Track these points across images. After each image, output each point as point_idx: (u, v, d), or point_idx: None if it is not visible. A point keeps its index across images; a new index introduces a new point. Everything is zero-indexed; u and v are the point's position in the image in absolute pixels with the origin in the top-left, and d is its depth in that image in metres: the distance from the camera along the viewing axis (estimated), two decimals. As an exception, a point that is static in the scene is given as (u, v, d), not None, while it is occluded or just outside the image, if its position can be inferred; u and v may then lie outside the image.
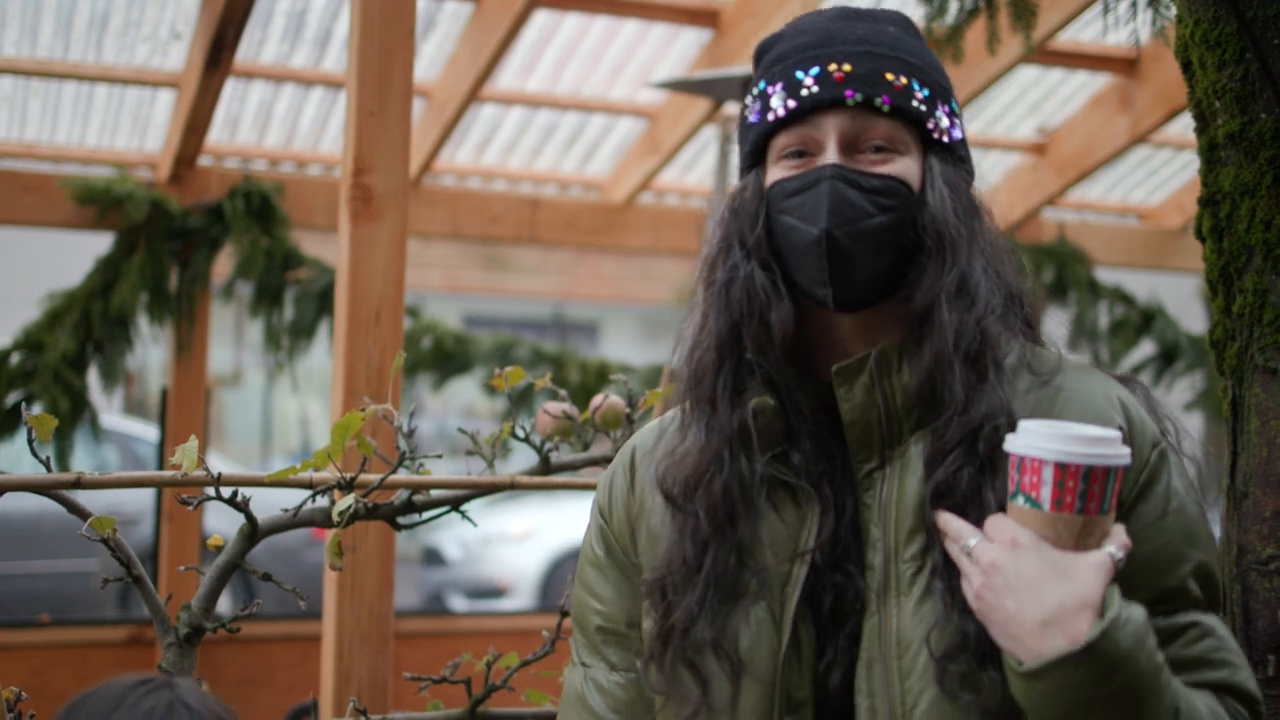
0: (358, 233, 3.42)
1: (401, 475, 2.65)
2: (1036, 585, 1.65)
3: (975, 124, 7.37)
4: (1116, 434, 1.71)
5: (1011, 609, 1.66)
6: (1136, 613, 1.66)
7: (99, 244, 6.28)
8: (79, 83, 6.23)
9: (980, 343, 1.84)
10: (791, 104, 1.89)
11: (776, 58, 1.94)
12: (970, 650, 1.75)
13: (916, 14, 6.02)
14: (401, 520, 2.74)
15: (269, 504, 2.57)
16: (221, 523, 9.71)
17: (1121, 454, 1.69)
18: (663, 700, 1.94)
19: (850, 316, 1.89)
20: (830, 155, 1.86)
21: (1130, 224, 8.44)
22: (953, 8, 3.78)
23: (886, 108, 1.86)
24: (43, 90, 6.31)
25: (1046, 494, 1.68)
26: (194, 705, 1.74)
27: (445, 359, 6.84)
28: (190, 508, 2.48)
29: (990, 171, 7.87)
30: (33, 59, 6.03)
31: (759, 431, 1.87)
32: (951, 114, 1.94)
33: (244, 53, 6.00)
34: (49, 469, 2.51)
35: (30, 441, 2.50)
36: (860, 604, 1.85)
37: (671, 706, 1.91)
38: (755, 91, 1.95)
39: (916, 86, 1.89)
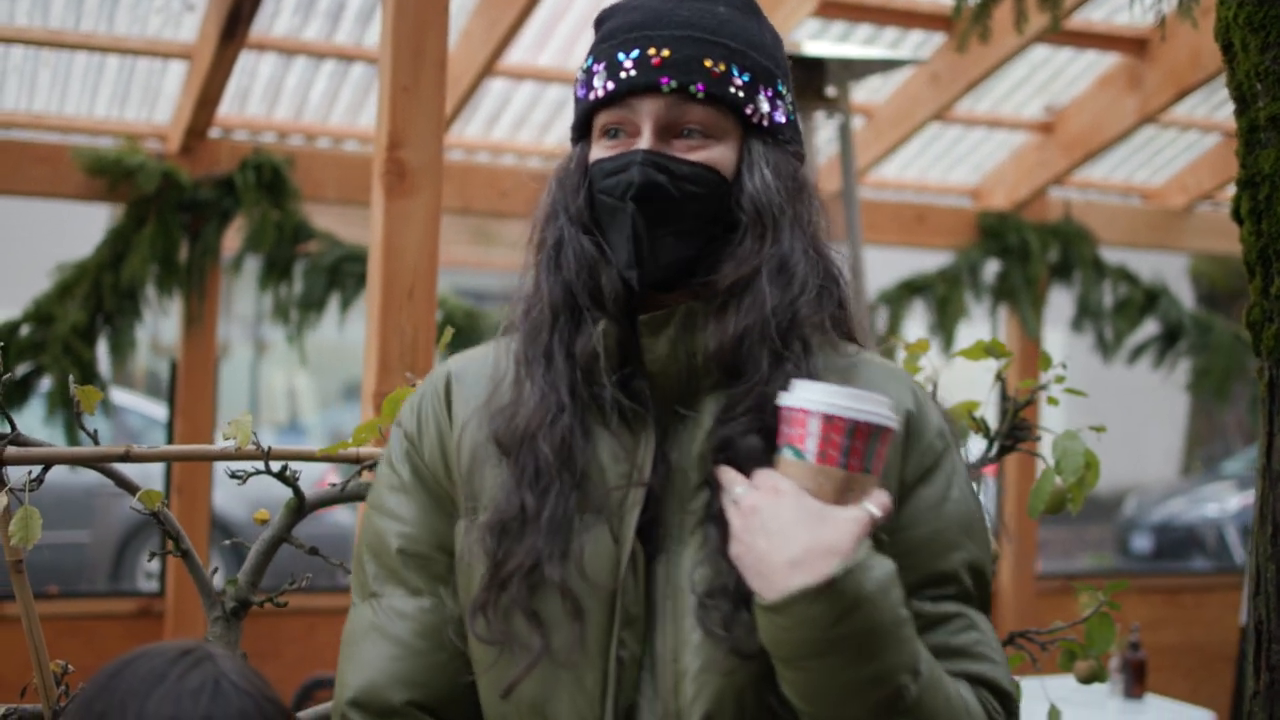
0: (392, 208, 3.42)
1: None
2: (789, 529, 1.69)
3: (983, 103, 7.39)
4: (886, 399, 1.75)
5: (763, 548, 1.70)
6: (884, 563, 1.70)
7: (108, 216, 6.27)
8: (90, 53, 6.21)
9: (791, 321, 1.87)
10: (610, 86, 1.90)
11: (605, 34, 1.95)
12: (730, 593, 1.78)
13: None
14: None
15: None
16: (229, 499, 9.74)
17: (888, 416, 1.74)
18: (493, 654, 1.88)
19: (670, 295, 1.93)
20: (644, 140, 1.89)
21: (1134, 204, 8.47)
22: (981, -13, 3.79)
23: (701, 95, 1.88)
24: (53, 60, 6.28)
25: (811, 446, 1.72)
26: (240, 684, 1.65)
27: (456, 333, 6.83)
28: (240, 482, 2.49)
29: (997, 150, 7.89)
30: (45, 29, 6.01)
31: (606, 352, 1.89)
32: (776, 97, 1.95)
33: (256, 25, 5.98)
34: (96, 442, 2.51)
35: (78, 415, 2.51)
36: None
37: (505, 659, 1.87)
38: (584, 66, 1.97)
39: (736, 72, 1.90)
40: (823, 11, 6.23)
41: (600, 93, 1.92)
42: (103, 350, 6.28)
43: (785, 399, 1.76)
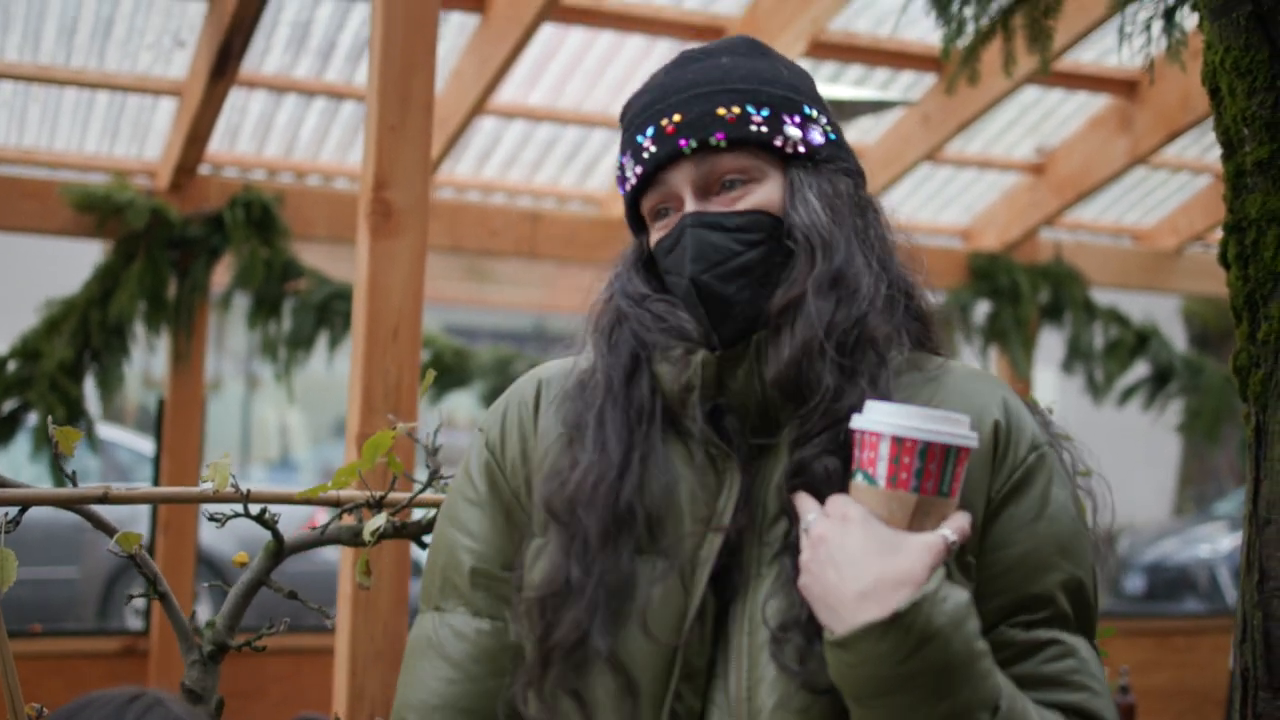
0: (377, 248, 3.41)
1: (431, 494, 2.63)
2: (859, 559, 1.63)
3: (975, 143, 7.40)
4: (964, 417, 1.69)
5: (832, 580, 1.64)
6: (958, 594, 1.63)
7: (97, 252, 6.25)
8: (80, 89, 6.21)
9: (858, 335, 1.82)
10: (639, 170, 1.90)
11: (625, 125, 1.96)
12: (803, 626, 1.73)
13: (918, 31, 6.08)
14: (427, 539, 2.73)
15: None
16: (216, 536, 9.69)
17: (965, 436, 1.67)
18: None
19: None
20: (688, 205, 1.87)
21: (1125, 245, 8.47)
22: (969, 29, 3.78)
23: (723, 143, 1.86)
24: (43, 96, 6.28)
25: (882, 470, 1.66)
26: None
27: (444, 373, 6.82)
28: (219, 525, 2.47)
29: (988, 191, 7.90)
30: (35, 64, 6.01)
31: (703, 384, 1.84)
32: (805, 121, 1.92)
33: (247, 63, 5.98)
34: (74, 483, 2.49)
35: (55, 455, 2.48)
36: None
37: None
38: (618, 162, 1.97)
39: (753, 110, 1.88)
40: (814, 52, 6.24)
41: (634, 179, 1.91)
42: (90, 386, 6.26)
43: (856, 421, 1.70)
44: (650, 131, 1.89)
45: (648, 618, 1.79)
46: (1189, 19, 3.21)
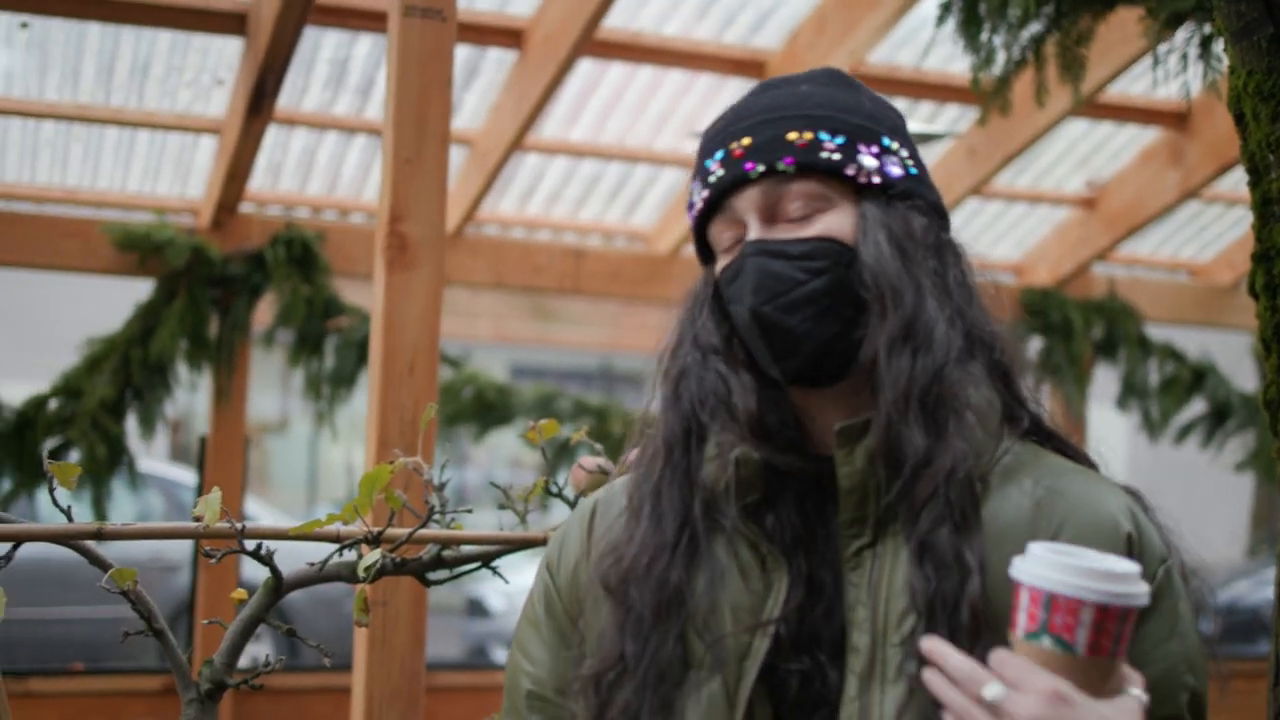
0: (393, 281, 3.37)
1: (431, 530, 2.58)
2: None
3: (1024, 178, 7.32)
4: (1137, 568, 1.56)
5: None
6: None
7: (139, 290, 6.28)
8: (121, 128, 6.24)
9: (939, 390, 1.71)
10: (706, 195, 1.82)
11: (699, 151, 1.88)
12: None
13: (963, 64, 6.02)
14: (431, 576, 2.68)
15: (305, 555, 2.52)
16: (260, 571, 9.67)
17: (1145, 591, 1.55)
18: None
19: (824, 396, 1.79)
20: (752, 232, 1.78)
21: (1181, 280, 8.36)
22: (1000, 58, 3.71)
23: (791, 168, 1.77)
24: (85, 135, 6.32)
25: (1083, 637, 1.52)
26: None
27: (486, 410, 6.79)
28: (214, 561, 2.43)
29: (1039, 225, 7.81)
30: (74, 104, 6.04)
31: (739, 483, 1.75)
32: (884, 152, 1.81)
33: (286, 100, 6.00)
34: (70, 519, 2.45)
35: (51, 491, 2.44)
36: (832, 693, 1.71)
37: None
38: (690, 189, 1.90)
39: (826, 137, 1.78)
40: (857, 85, 6.18)
41: (700, 204, 1.84)
42: (132, 424, 6.27)
43: (1037, 577, 1.54)
44: (719, 155, 1.81)
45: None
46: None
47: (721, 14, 5.93)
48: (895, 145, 1.83)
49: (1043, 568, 1.53)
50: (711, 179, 1.81)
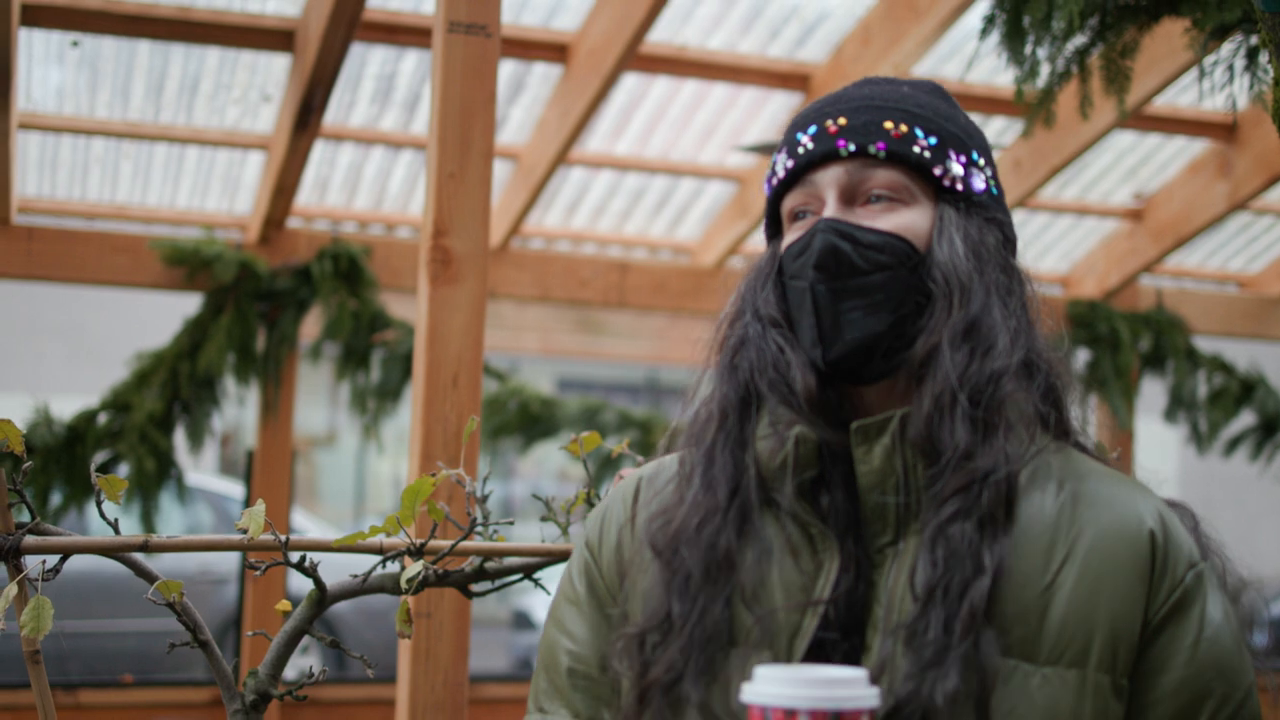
0: (436, 295, 3.39)
1: (473, 542, 2.59)
2: None
3: (1071, 189, 7.29)
4: (862, 673, 1.50)
5: None
6: None
7: (187, 305, 6.32)
8: (170, 145, 6.29)
9: (994, 395, 1.72)
10: (790, 164, 1.84)
11: (789, 126, 1.89)
12: None
13: (1008, 76, 5.99)
14: (474, 588, 2.69)
15: (349, 567, 2.54)
16: (307, 584, 9.71)
17: (867, 694, 1.49)
18: None
19: (873, 388, 1.79)
20: (829, 209, 1.79)
21: (1229, 291, 8.30)
22: (1044, 70, 3.70)
23: (882, 154, 1.79)
24: (134, 152, 6.37)
25: None
26: None
27: (532, 422, 6.80)
28: (258, 573, 2.45)
29: (1087, 237, 7.78)
30: (124, 121, 6.09)
31: (796, 461, 1.76)
32: (971, 164, 1.84)
33: (333, 115, 6.04)
34: (117, 531, 2.48)
35: (99, 504, 2.47)
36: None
37: None
38: (772, 162, 1.90)
39: (921, 134, 1.81)
40: (900, 98, 6.17)
41: (782, 173, 1.85)
42: (181, 438, 6.31)
43: (750, 695, 1.50)
44: (812, 130, 1.83)
45: (731, 697, 1.71)
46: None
47: (766, 27, 5.93)
48: (982, 162, 1.87)
49: (760, 684, 1.51)
50: (800, 150, 1.83)
